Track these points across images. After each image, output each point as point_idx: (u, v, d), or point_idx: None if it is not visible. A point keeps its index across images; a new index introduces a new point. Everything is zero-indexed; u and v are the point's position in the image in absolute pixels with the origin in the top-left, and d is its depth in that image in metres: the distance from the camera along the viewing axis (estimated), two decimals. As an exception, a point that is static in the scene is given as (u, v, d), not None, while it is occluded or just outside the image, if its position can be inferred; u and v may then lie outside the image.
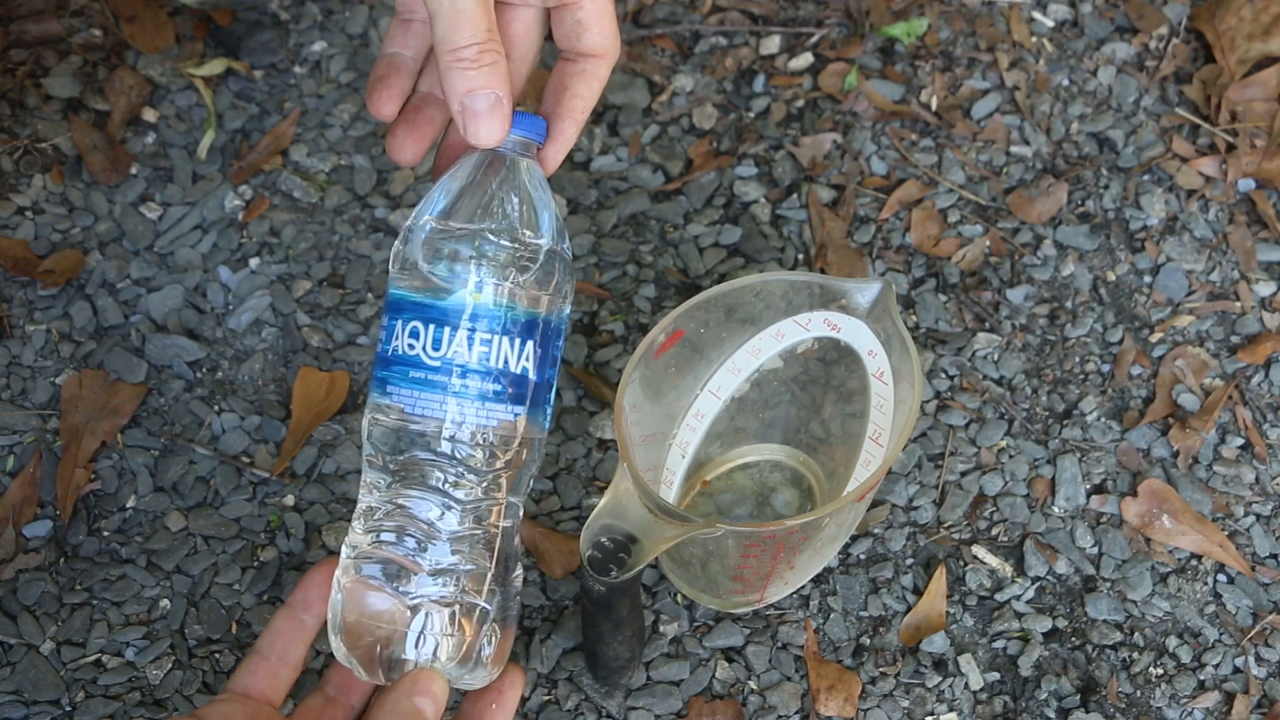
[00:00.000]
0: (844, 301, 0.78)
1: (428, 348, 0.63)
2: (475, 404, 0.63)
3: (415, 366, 0.63)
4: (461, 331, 0.62)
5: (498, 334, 0.63)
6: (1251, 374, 0.93)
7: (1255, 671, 0.82)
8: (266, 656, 0.67)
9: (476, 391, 0.63)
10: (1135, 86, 1.05)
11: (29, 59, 1.05)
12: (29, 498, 0.87)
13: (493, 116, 0.62)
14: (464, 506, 0.64)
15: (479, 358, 0.63)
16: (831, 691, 0.81)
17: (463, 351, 0.62)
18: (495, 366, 0.63)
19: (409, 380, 0.63)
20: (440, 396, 0.63)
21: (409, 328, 0.63)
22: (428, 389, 0.63)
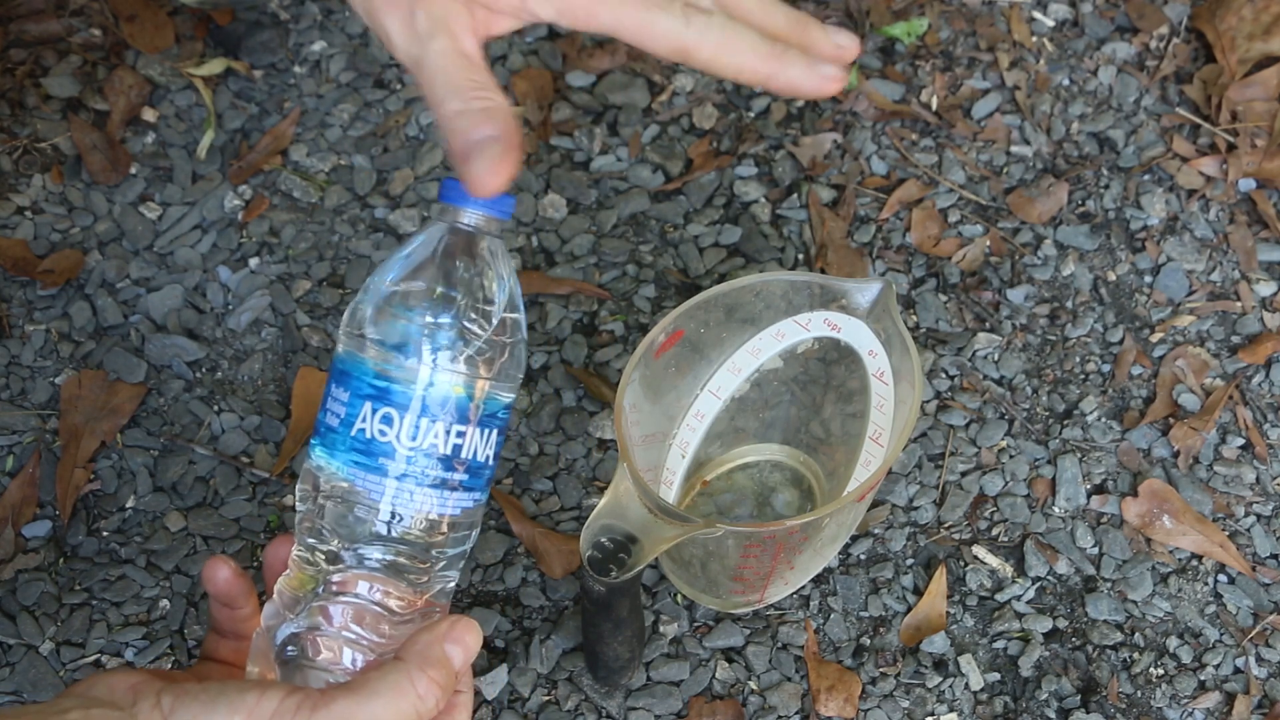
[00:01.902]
0: (844, 301, 0.78)
1: (376, 425, 0.61)
2: (411, 484, 0.61)
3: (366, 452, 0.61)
4: (410, 416, 0.60)
5: (442, 419, 0.60)
6: (1252, 374, 0.93)
7: (1256, 672, 0.82)
8: (223, 635, 0.67)
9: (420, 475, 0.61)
10: (1136, 86, 1.05)
11: (29, 58, 1.05)
12: (28, 498, 0.87)
13: (487, 157, 0.57)
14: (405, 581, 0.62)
15: (429, 446, 0.60)
16: (831, 692, 0.81)
17: (410, 436, 0.60)
18: (473, 459, 0.61)
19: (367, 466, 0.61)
20: (382, 479, 0.61)
21: (350, 404, 0.61)
22: (372, 470, 0.61)
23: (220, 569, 0.65)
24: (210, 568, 0.65)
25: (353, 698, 0.58)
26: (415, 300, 0.60)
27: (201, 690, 0.57)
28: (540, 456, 0.89)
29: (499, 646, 0.83)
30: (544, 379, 0.92)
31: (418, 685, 0.59)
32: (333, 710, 0.57)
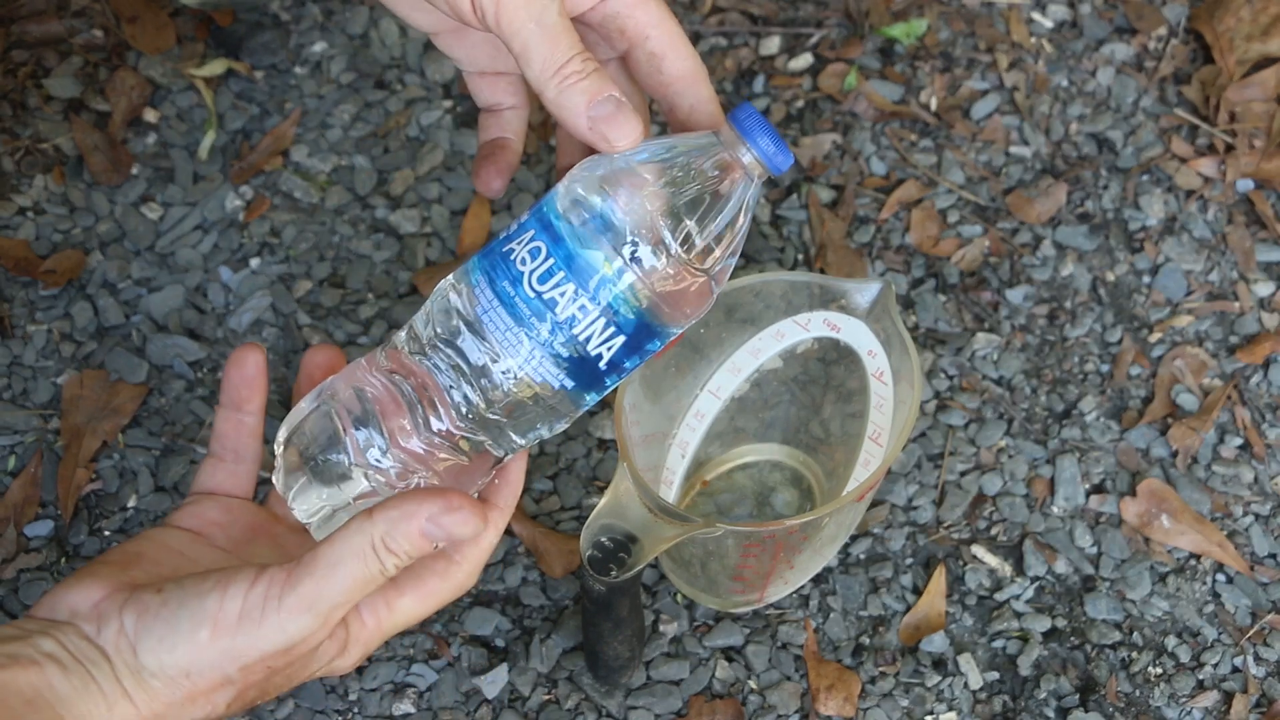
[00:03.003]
0: (844, 302, 0.78)
1: (535, 275, 0.59)
2: (538, 351, 0.60)
3: (514, 282, 0.60)
4: (572, 284, 0.59)
5: (599, 307, 0.59)
6: (1250, 374, 0.93)
7: (1254, 671, 0.82)
8: (221, 458, 0.66)
9: (546, 343, 0.60)
10: (1134, 87, 1.05)
11: (30, 60, 1.05)
12: (30, 497, 0.87)
13: (623, 117, 0.59)
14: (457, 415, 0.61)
15: (568, 318, 0.59)
16: (831, 691, 0.81)
17: (556, 301, 0.59)
18: (575, 334, 0.59)
19: (500, 291, 0.60)
20: (516, 326, 0.60)
21: (534, 246, 0.60)
22: (510, 311, 0.60)
23: (251, 354, 0.65)
24: (241, 351, 0.65)
25: (314, 576, 0.56)
26: (646, 189, 0.59)
27: (162, 605, 0.57)
28: (540, 456, 0.89)
29: (499, 646, 0.83)
30: (544, 379, 0.92)
31: (382, 559, 0.57)
32: (299, 593, 0.56)
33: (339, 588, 0.56)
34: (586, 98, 0.59)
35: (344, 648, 0.61)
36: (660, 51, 0.64)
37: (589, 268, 0.59)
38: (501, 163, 0.68)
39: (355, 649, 0.61)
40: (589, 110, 0.59)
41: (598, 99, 0.59)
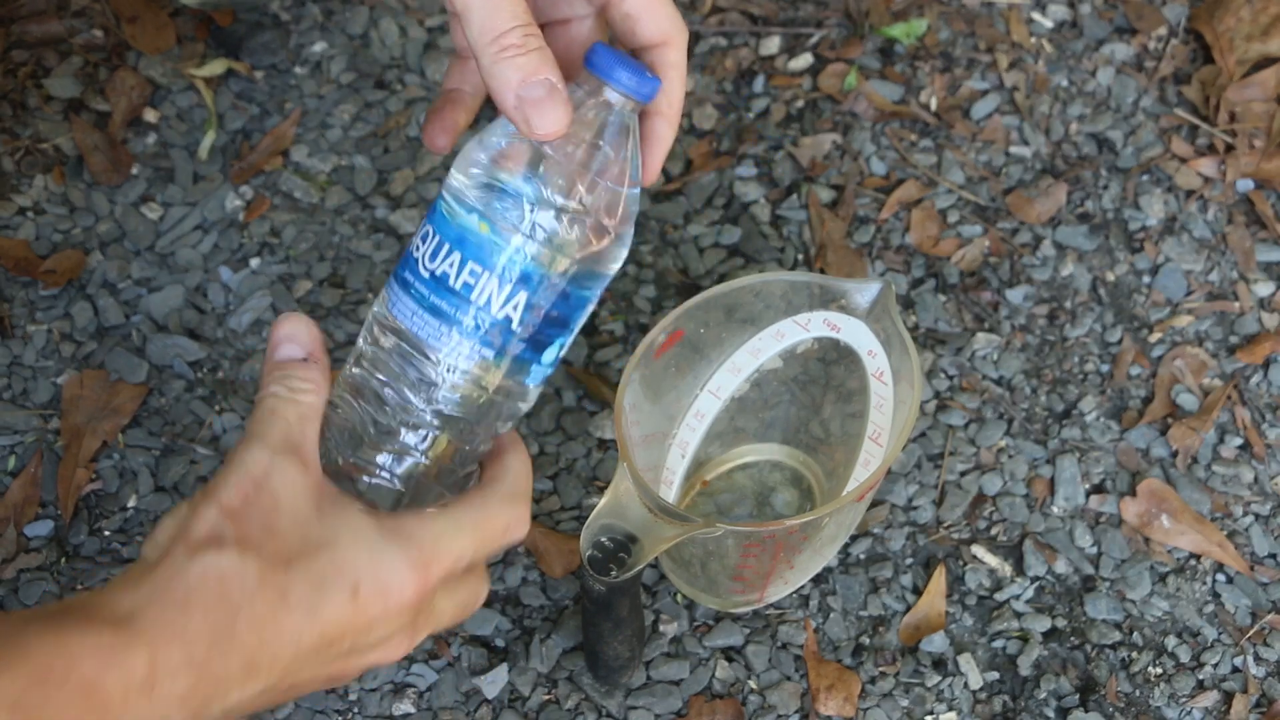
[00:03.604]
0: (844, 302, 0.78)
1: (426, 256, 0.61)
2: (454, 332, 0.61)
3: (417, 277, 0.61)
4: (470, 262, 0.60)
5: (492, 273, 0.60)
6: (1250, 374, 0.93)
7: (1254, 671, 0.82)
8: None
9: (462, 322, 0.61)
10: (1134, 87, 1.05)
11: (30, 60, 1.05)
12: (30, 497, 0.87)
13: (551, 104, 0.58)
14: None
15: (463, 286, 0.60)
16: (831, 691, 0.81)
17: (452, 276, 0.60)
18: (477, 303, 0.60)
19: (411, 289, 0.62)
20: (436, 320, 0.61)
21: (424, 230, 0.61)
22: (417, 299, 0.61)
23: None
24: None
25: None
26: (525, 153, 0.60)
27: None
28: (540, 456, 0.89)
29: (499, 646, 0.83)
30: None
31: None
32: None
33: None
34: (520, 75, 0.57)
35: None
36: (635, 13, 0.63)
37: (475, 236, 0.60)
38: (448, 119, 0.66)
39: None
40: (519, 89, 0.58)
41: (531, 79, 0.58)
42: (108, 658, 0.51)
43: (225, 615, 0.54)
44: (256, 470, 0.58)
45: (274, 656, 0.56)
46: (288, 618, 0.56)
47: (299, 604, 0.56)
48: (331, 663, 0.59)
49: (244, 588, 0.55)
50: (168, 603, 0.54)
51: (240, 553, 0.55)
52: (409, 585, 0.59)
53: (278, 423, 0.59)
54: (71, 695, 0.50)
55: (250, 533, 0.56)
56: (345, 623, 0.58)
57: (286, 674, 0.57)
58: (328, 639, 0.57)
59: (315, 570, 0.57)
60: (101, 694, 0.50)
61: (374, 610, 0.59)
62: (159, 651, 0.52)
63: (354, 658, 0.60)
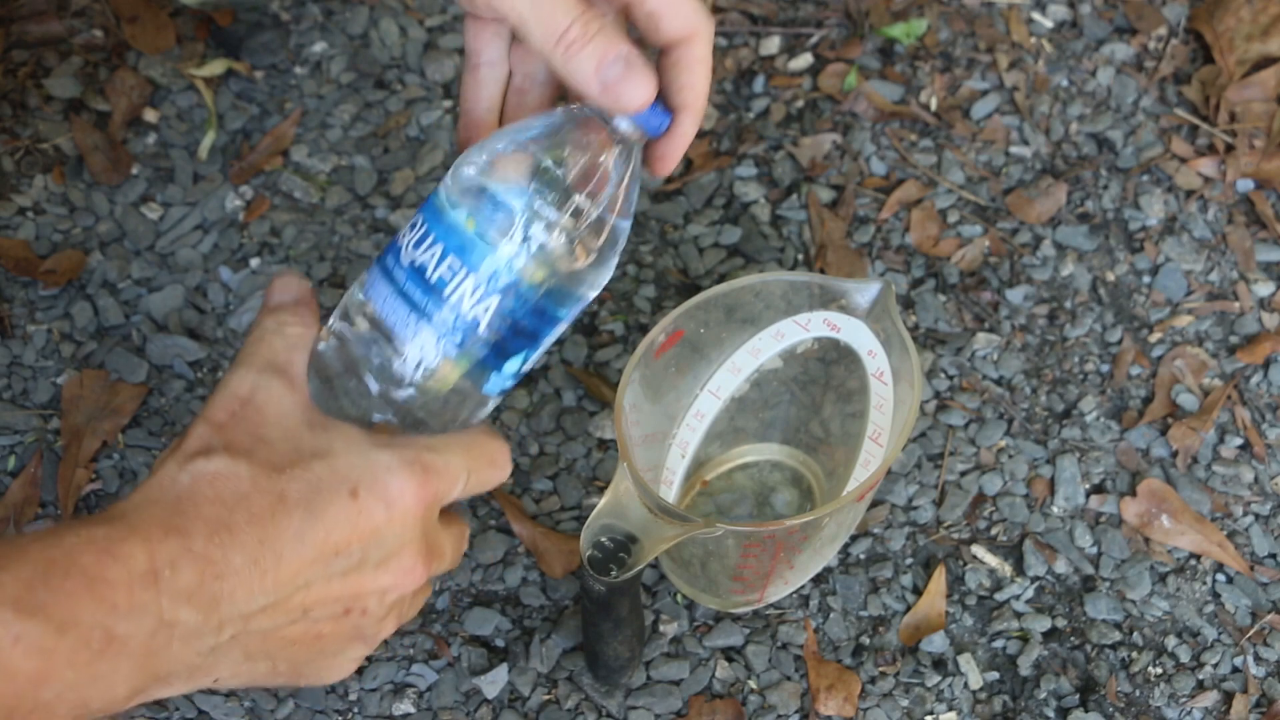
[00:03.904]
0: (844, 302, 0.78)
1: (410, 244, 0.61)
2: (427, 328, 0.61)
3: (399, 265, 0.62)
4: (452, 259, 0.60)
5: (470, 271, 0.60)
6: (1250, 374, 0.93)
7: (1254, 671, 0.82)
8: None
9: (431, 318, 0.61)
10: (1134, 87, 1.05)
11: (30, 59, 1.05)
12: (30, 498, 0.87)
13: (632, 76, 0.58)
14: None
15: (439, 280, 0.60)
16: (831, 691, 0.81)
17: (431, 268, 0.60)
18: (449, 298, 0.60)
19: (389, 277, 0.62)
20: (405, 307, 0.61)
21: (422, 232, 0.62)
22: (391, 287, 0.61)
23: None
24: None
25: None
26: (526, 170, 0.60)
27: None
28: (540, 456, 0.89)
29: (499, 646, 0.83)
30: (544, 379, 0.92)
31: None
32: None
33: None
34: (594, 63, 0.58)
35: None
36: (658, 10, 0.62)
37: (461, 232, 0.60)
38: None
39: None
40: (598, 75, 0.58)
41: (605, 61, 0.58)
42: (104, 549, 0.50)
43: (221, 509, 0.54)
44: (242, 389, 0.58)
45: (278, 555, 0.54)
46: (287, 517, 0.55)
47: (297, 504, 0.55)
48: (345, 576, 0.57)
49: (237, 488, 0.54)
50: (161, 503, 0.53)
51: (231, 457, 0.55)
52: (408, 490, 0.58)
53: (263, 348, 0.60)
54: (76, 587, 0.49)
55: (239, 440, 0.56)
56: (349, 525, 0.57)
57: (296, 583, 0.55)
58: (334, 544, 0.56)
59: (311, 474, 0.56)
60: (104, 585, 0.50)
61: (378, 515, 0.57)
62: (155, 543, 0.51)
63: (367, 574, 0.58)
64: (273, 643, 0.57)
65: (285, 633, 0.57)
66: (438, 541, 0.62)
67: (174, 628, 0.51)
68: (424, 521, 0.60)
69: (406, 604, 0.63)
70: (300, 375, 0.60)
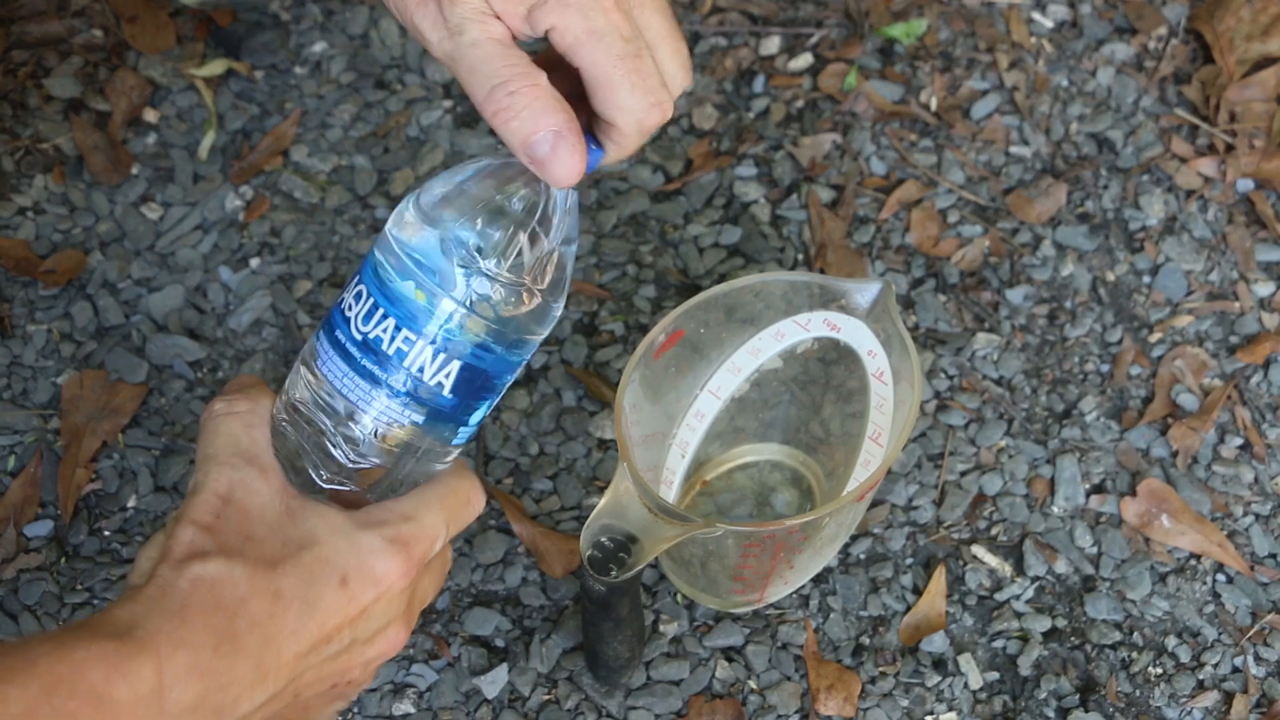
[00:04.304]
0: (844, 302, 0.78)
1: (359, 318, 0.61)
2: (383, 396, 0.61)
3: (344, 330, 0.62)
4: (392, 323, 0.60)
5: (427, 342, 0.60)
6: (1250, 374, 0.93)
7: (1254, 671, 0.82)
8: None
9: (386, 385, 0.61)
10: (1134, 87, 1.05)
11: (30, 60, 1.05)
12: (30, 497, 0.87)
13: (557, 156, 0.57)
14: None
15: (396, 352, 0.60)
16: (831, 691, 0.81)
17: (385, 341, 0.60)
18: (410, 369, 0.60)
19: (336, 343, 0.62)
20: (355, 375, 0.61)
21: (357, 290, 0.62)
22: (344, 358, 0.61)
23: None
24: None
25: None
26: (458, 219, 0.60)
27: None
28: (540, 456, 0.89)
29: (499, 646, 0.83)
30: (544, 379, 0.92)
31: None
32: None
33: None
34: (519, 138, 0.57)
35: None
36: (607, 118, 0.60)
37: (411, 304, 0.60)
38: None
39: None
40: (525, 150, 0.57)
41: (531, 139, 0.57)
42: (114, 666, 0.50)
43: (224, 619, 0.54)
44: (220, 487, 0.59)
45: (277, 656, 0.56)
46: (284, 615, 0.56)
47: (293, 600, 0.56)
48: (336, 659, 0.59)
49: (236, 592, 0.55)
50: (166, 612, 0.54)
51: (226, 560, 0.56)
52: (394, 569, 0.60)
53: (223, 437, 0.61)
54: (81, 706, 0.49)
55: (230, 542, 0.57)
56: (341, 613, 0.58)
57: (292, 676, 0.57)
58: (326, 633, 0.58)
59: (302, 567, 0.58)
60: (110, 704, 0.50)
61: (366, 597, 0.59)
62: (165, 659, 0.52)
63: (356, 651, 0.60)
64: (263, 718, 0.58)
65: (277, 715, 0.59)
66: (420, 595, 0.64)
67: None
68: (409, 591, 0.62)
69: (386, 660, 0.66)
70: (268, 459, 0.61)
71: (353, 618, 0.59)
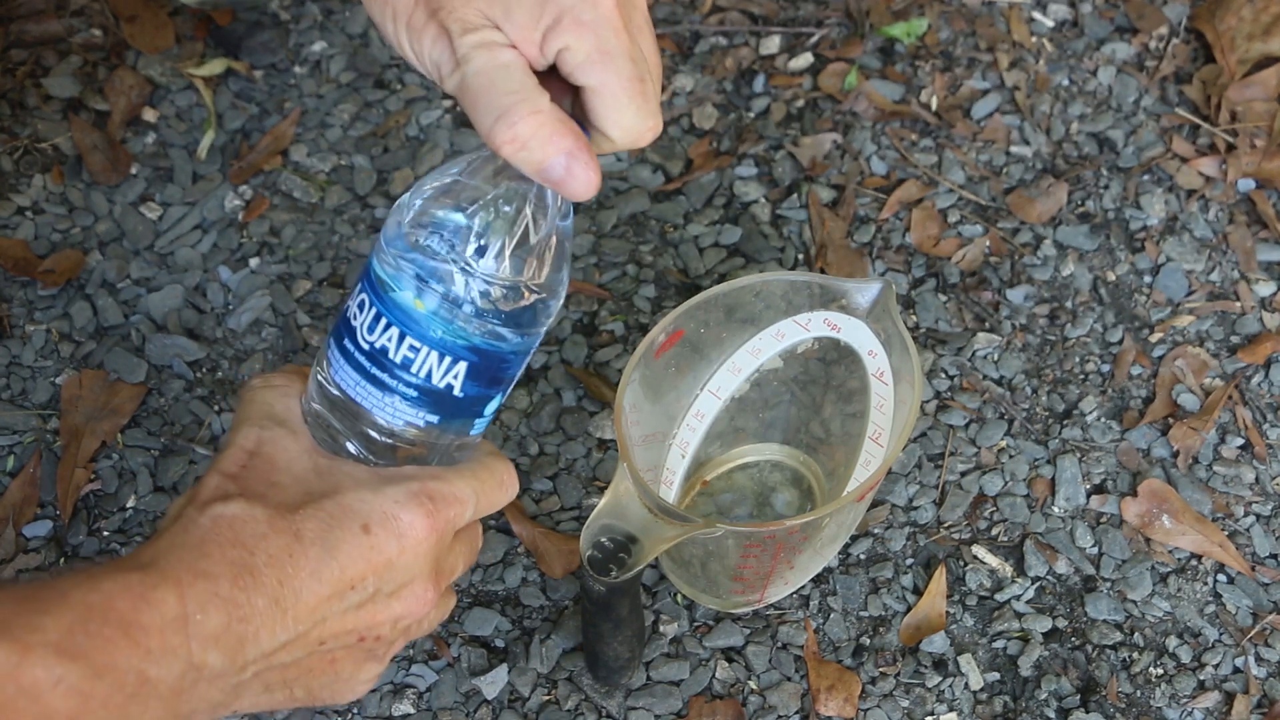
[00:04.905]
0: (844, 301, 0.78)
1: (364, 328, 0.62)
2: (393, 399, 0.62)
3: (352, 339, 0.62)
4: (397, 330, 0.61)
5: (432, 347, 0.61)
6: (1251, 374, 0.93)
7: (1255, 671, 0.82)
8: None
9: (397, 389, 0.62)
10: (1135, 86, 1.05)
11: (29, 59, 1.05)
12: (29, 498, 0.87)
13: (571, 175, 0.57)
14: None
15: (403, 360, 0.61)
16: (831, 691, 0.81)
17: (392, 349, 0.61)
18: (419, 374, 0.61)
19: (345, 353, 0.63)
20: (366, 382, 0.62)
21: (361, 299, 0.63)
22: (355, 368, 0.62)
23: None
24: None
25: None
26: (449, 222, 0.60)
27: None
28: (540, 456, 0.89)
29: (499, 646, 0.83)
30: (544, 379, 0.92)
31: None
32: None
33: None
34: (531, 168, 0.58)
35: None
36: (602, 124, 0.60)
37: (411, 310, 0.61)
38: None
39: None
40: (540, 177, 0.58)
41: (543, 166, 0.57)
42: (139, 595, 0.53)
43: (243, 553, 0.56)
44: (249, 442, 0.61)
45: (296, 593, 0.57)
46: (304, 554, 0.57)
47: (313, 541, 0.58)
48: (360, 609, 0.60)
49: (256, 529, 0.57)
50: (186, 546, 0.56)
51: (247, 501, 0.58)
52: (418, 521, 0.60)
53: (257, 405, 0.63)
54: (113, 632, 0.51)
55: (254, 487, 0.59)
56: (363, 559, 0.59)
57: (314, 618, 0.58)
58: (349, 578, 0.58)
59: (324, 511, 0.59)
60: (139, 629, 0.52)
61: (390, 548, 0.60)
62: (186, 588, 0.54)
63: (381, 604, 0.61)
64: (291, 673, 0.59)
65: (303, 663, 0.60)
66: (448, 563, 0.64)
67: (202, 669, 0.54)
68: (435, 549, 0.62)
69: (417, 624, 0.66)
70: (299, 424, 0.63)
71: (376, 566, 0.59)
